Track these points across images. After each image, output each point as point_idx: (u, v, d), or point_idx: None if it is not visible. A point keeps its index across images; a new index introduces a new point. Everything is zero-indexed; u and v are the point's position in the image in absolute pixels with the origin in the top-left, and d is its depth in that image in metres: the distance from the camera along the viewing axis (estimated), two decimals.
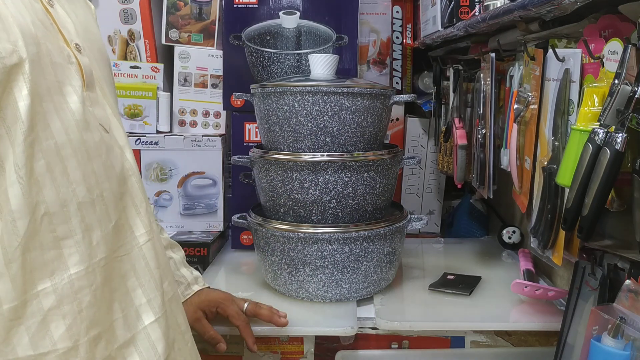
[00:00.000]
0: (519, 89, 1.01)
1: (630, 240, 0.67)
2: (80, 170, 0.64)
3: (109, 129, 0.71)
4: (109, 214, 0.67)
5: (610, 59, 0.72)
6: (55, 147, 0.61)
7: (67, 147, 0.62)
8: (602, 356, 0.70)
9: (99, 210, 0.66)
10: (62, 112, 0.63)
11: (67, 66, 0.65)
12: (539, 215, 0.89)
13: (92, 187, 0.65)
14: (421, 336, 1.10)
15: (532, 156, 0.95)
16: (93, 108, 0.68)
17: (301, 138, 1.15)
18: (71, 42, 0.68)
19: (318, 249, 1.13)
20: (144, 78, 1.53)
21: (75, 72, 0.66)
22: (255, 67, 1.49)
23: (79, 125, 0.64)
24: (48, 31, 0.65)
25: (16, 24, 0.59)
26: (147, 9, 1.53)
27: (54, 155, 0.61)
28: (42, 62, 0.61)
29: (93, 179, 0.65)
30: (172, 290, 0.75)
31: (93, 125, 0.67)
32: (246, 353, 1.09)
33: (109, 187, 0.67)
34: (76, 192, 0.63)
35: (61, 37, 0.67)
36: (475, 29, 1.08)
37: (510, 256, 1.47)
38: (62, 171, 0.62)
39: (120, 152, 0.71)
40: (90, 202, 0.64)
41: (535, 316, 1.10)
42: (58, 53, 0.65)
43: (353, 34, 1.49)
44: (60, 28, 0.67)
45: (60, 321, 0.60)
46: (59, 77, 0.64)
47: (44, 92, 0.61)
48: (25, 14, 0.62)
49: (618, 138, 0.65)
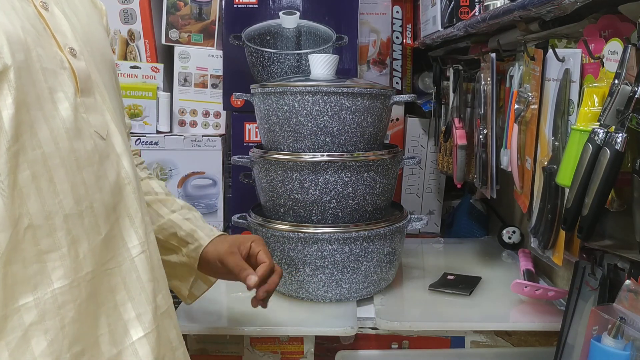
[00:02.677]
0: (519, 89, 1.01)
1: (630, 240, 0.67)
2: (69, 180, 0.62)
3: (106, 135, 0.68)
4: (99, 226, 0.65)
5: (610, 59, 0.72)
6: (42, 157, 0.59)
7: (55, 157, 0.60)
8: (602, 356, 0.70)
9: (87, 223, 0.63)
10: (51, 120, 0.61)
11: (59, 72, 0.63)
12: (539, 215, 0.89)
13: (81, 199, 0.63)
14: (421, 336, 1.10)
15: (532, 156, 0.95)
16: (88, 115, 0.66)
17: (301, 138, 1.15)
18: (65, 46, 0.66)
19: (318, 249, 1.13)
20: (144, 78, 1.53)
21: (68, 77, 0.64)
22: (255, 67, 1.49)
23: (69, 133, 0.62)
24: (40, 36, 0.63)
25: (2, 30, 0.58)
26: (147, 9, 1.53)
27: (41, 166, 0.59)
28: (31, 69, 0.60)
29: (82, 189, 0.63)
30: (166, 304, 0.73)
31: (86, 133, 0.65)
32: (246, 353, 1.09)
33: (100, 198, 0.65)
34: (63, 203, 0.61)
35: (54, 41, 0.65)
36: (475, 29, 1.07)
37: (510, 256, 1.47)
38: (49, 182, 0.60)
39: (117, 159, 0.69)
40: (78, 214, 0.62)
41: (535, 316, 1.10)
42: (50, 58, 0.63)
43: (353, 34, 1.49)
44: (53, 32, 0.65)
45: (41, 337, 0.58)
46: (50, 83, 0.62)
47: (33, 100, 0.59)
48: (14, 19, 0.60)
49: (618, 138, 0.64)
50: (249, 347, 1.10)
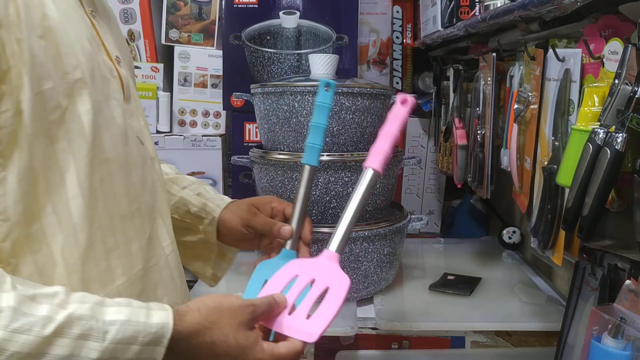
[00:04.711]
0: (519, 89, 1.01)
1: (630, 241, 0.67)
2: (124, 183, 0.66)
3: (144, 140, 0.72)
4: (144, 226, 0.69)
5: (611, 59, 0.72)
6: (106, 162, 0.63)
7: (115, 161, 0.64)
8: (602, 356, 0.70)
9: (137, 223, 0.68)
10: (110, 126, 0.64)
11: (111, 79, 0.67)
12: (539, 215, 0.88)
13: (132, 200, 0.67)
14: (421, 336, 1.10)
15: (532, 156, 0.95)
16: (131, 120, 0.70)
17: (301, 138, 1.15)
18: (112, 54, 0.69)
19: (318, 249, 1.13)
20: (144, 78, 1.53)
21: (117, 85, 0.68)
22: (255, 67, 1.49)
23: (123, 139, 0.66)
24: (97, 45, 0.66)
25: (77, 40, 0.61)
26: (147, 9, 1.53)
27: (106, 169, 0.63)
28: (95, 77, 0.63)
29: (133, 192, 0.67)
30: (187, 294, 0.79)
31: (132, 138, 0.69)
32: None
33: (145, 200, 0.69)
34: (120, 205, 0.65)
35: (104, 49, 0.68)
36: (476, 29, 1.07)
37: (510, 256, 1.47)
38: (111, 185, 0.64)
39: (152, 163, 0.73)
40: (130, 215, 0.66)
41: (536, 316, 1.10)
42: (104, 67, 0.66)
43: (353, 34, 1.48)
44: (103, 40, 0.68)
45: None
46: (107, 91, 0.65)
47: (98, 106, 0.62)
48: (81, 29, 0.63)
49: (618, 138, 0.64)
50: None
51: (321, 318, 0.68)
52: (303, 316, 0.68)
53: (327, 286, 0.71)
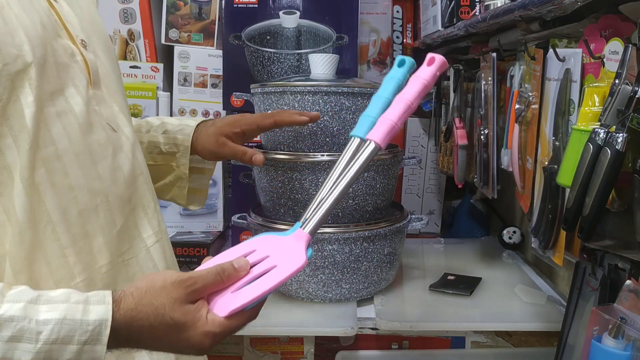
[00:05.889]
0: (519, 88, 1.01)
1: (630, 241, 0.67)
2: (84, 175, 0.62)
3: (117, 127, 0.69)
4: (114, 219, 0.66)
5: (611, 59, 0.72)
6: (55, 154, 0.60)
7: (69, 153, 0.61)
8: (602, 356, 0.70)
9: (103, 216, 0.64)
10: (64, 115, 0.61)
11: (71, 65, 0.63)
12: (540, 216, 0.88)
13: (96, 193, 0.64)
14: (421, 336, 1.10)
15: (533, 156, 0.95)
16: (99, 107, 0.66)
17: (301, 138, 1.15)
18: (76, 37, 0.65)
19: (318, 249, 1.13)
20: (144, 78, 1.53)
21: (80, 70, 0.64)
22: (255, 67, 1.48)
23: (82, 127, 0.63)
24: (53, 29, 0.62)
25: (21, 27, 0.57)
26: (147, 8, 1.53)
27: (55, 162, 0.60)
28: (46, 65, 0.60)
29: (97, 183, 0.64)
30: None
31: (99, 126, 0.65)
32: (246, 353, 1.09)
33: (115, 191, 0.66)
34: (78, 198, 0.62)
35: (66, 33, 0.64)
36: (476, 28, 1.07)
37: (510, 256, 1.47)
38: (64, 177, 0.61)
39: (129, 150, 0.69)
40: (94, 208, 0.63)
41: (536, 316, 1.10)
42: (63, 52, 0.63)
43: (353, 34, 1.48)
44: (65, 24, 0.65)
45: None
46: (63, 78, 0.62)
47: (47, 96, 0.59)
48: (32, 13, 0.60)
49: (619, 138, 0.64)
50: (249, 347, 1.10)
51: (242, 296, 0.63)
52: (231, 290, 0.63)
53: (274, 265, 0.65)
